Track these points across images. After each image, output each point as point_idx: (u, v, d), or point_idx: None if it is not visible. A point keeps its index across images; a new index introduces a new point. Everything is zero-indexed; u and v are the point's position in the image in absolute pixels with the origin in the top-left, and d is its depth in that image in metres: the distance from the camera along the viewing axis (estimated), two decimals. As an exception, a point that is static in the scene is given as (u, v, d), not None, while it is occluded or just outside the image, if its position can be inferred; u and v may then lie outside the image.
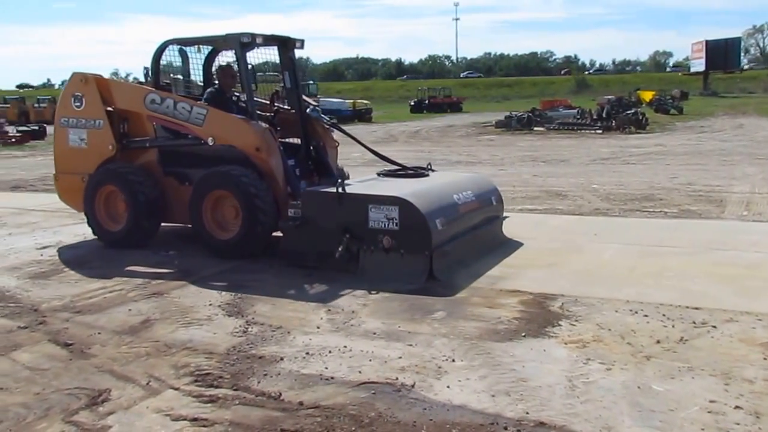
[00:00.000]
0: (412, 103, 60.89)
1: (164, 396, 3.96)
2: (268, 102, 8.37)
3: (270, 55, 8.27)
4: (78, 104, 8.20)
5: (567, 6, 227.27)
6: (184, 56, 8.58)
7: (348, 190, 6.63)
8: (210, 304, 5.69)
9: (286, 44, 8.16)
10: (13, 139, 30.18)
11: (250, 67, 7.84)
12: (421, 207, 6.29)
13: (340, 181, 6.79)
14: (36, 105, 52.29)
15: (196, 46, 8.46)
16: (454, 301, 5.64)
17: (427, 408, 3.73)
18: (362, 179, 7.75)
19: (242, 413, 3.72)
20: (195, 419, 3.65)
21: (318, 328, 5.07)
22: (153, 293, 6.07)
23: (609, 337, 4.71)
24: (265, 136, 7.36)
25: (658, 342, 4.58)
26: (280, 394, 3.94)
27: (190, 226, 7.70)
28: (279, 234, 7.17)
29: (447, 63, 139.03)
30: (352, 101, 50.11)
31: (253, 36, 7.46)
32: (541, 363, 4.30)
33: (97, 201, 8.02)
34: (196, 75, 8.93)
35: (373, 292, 5.92)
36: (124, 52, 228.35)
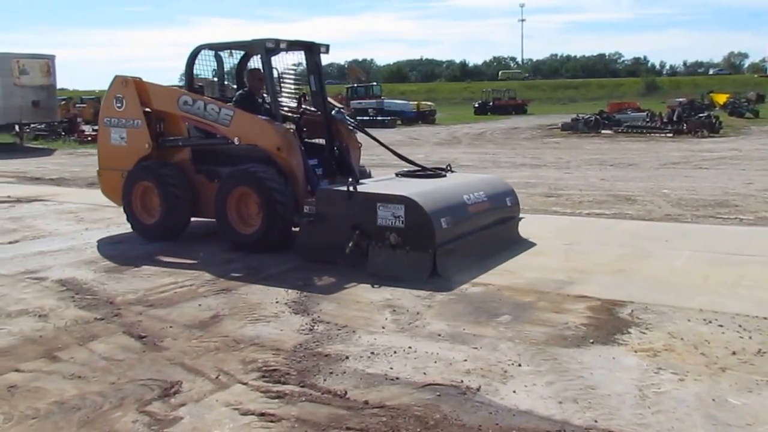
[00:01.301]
0: (476, 105, 60.57)
1: (233, 390, 4.04)
2: (296, 104, 8.80)
3: (298, 59, 8.72)
4: (119, 105, 8.71)
5: (636, 6, 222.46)
6: (218, 60, 9.11)
7: (360, 189, 6.89)
8: (276, 302, 5.78)
9: (311, 49, 8.53)
10: (89, 138, 31.17)
11: (275, 71, 8.27)
12: (425, 206, 6.49)
13: (351, 180, 7.07)
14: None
15: (228, 51, 8.89)
16: (520, 305, 5.58)
17: (492, 412, 3.70)
18: (379, 179, 8.09)
19: (308, 410, 3.76)
20: (262, 414, 3.71)
21: (383, 328, 5.09)
22: (222, 289, 6.19)
23: (681, 346, 4.59)
24: (287, 137, 7.73)
25: (734, 353, 4.44)
26: (346, 392, 3.97)
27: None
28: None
29: (512, 65, 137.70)
30: (416, 103, 50.10)
31: (277, 42, 7.90)
32: (610, 371, 4.22)
33: (134, 195, 8.52)
34: (230, 78, 9.40)
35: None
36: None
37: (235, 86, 9.25)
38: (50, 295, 6.13)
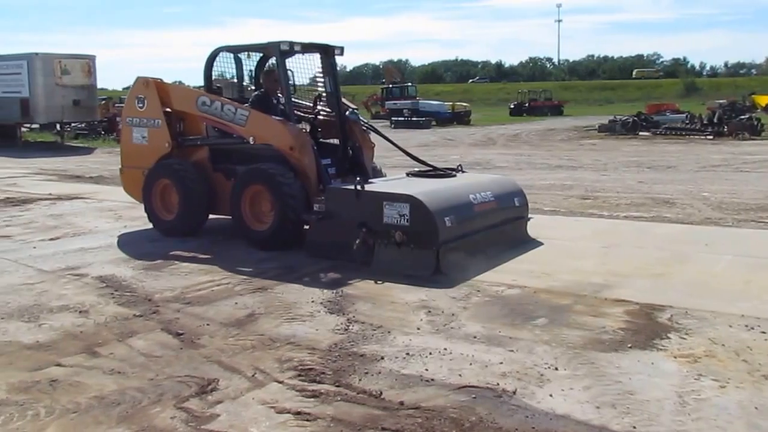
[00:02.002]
0: (512, 106, 60.19)
1: (269, 388, 4.06)
2: (311, 105, 8.96)
3: (313, 60, 8.92)
4: (140, 105, 8.98)
5: (675, 6, 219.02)
6: (238, 62, 9.36)
7: (368, 188, 7.08)
8: (312, 301, 5.80)
9: (326, 51, 8.76)
10: (127, 136, 31.60)
11: (290, 72, 8.52)
12: (429, 205, 6.64)
13: (359, 179, 7.22)
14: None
15: (246, 53, 9.15)
16: (556, 308, 5.53)
17: (529, 416, 3.68)
18: (389, 178, 8.33)
19: (344, 410, 3.77)
20: (298, 413, 3.73)
21: (418, 329, 5.08)
22: (258, 288, 6.24)
23: (722, 352, 4.51)
24: (299, 137, 7.96)
25: (777, 360, 4.35)
26: (381, 392, 3.97)
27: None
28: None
29: (548, 65, 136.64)
30: (451, 103, 49.93)
31: (292, 44, 8.15)
32: (648, 376, 4.16)
33: (153, 193, 8.78)
34: (249, 79, 9.63)
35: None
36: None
37: (253, 87, 9.43)
38: (90, 291, 6.23)
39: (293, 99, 8.71)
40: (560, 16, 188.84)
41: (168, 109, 8.84)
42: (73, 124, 28.81)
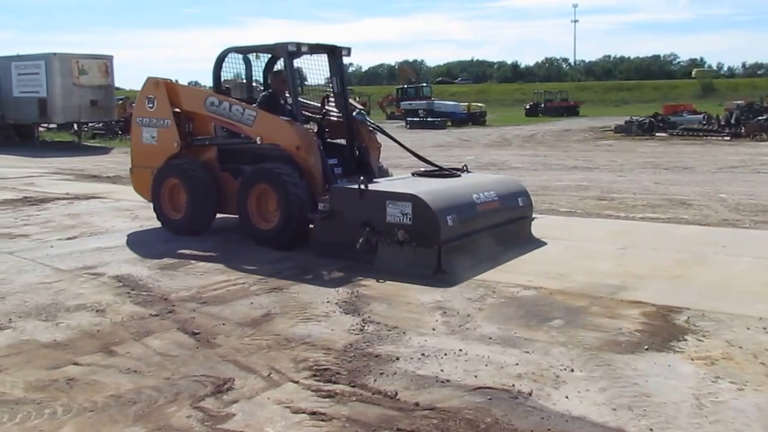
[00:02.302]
0: (528, 107, 59.99)
1: (284, 388, 4.07)
2: (319, 105, 9.11)
3: (321, 61, 9.02)
4: (150, 105, 9.07)
5: (693, 6, 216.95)
6: (247, 63, 9.48)
7: (371, 187, 7.17)
8: (327, 301, 5.81)
9: (334, 52, 8.85)
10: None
11: (297, 73, 8.71)
12: (432, 204, 6.70)
13: (363, 178, 7.27)
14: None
15: (255, 54, 9.26)
16: (572, 310, 5.50)
17: (545, 417, 3.66)
18: (394, 178, 8.42)
19: (359, 410, 3.77)
20: (314, 413, 3.74)
21: (433, 330, 5.07)
22: (273, 288, 6.25)
23: (740, 355, 4.47)
24: (306, 137, 8.02)
25: (796, 363, 4.30)
26: (396, 393, 3.97)
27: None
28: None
29: (564, 66, 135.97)
30: (466, 104, 49.81)
31: (299, 45, 8.25)
32: (665, 378, 4.13)
33: (162, 192, 8.89)
34: (258, 80, 9.72)
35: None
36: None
37: (262, 88, 9.52)
38: (107, 290, 6.27)
39: (301, 99, 8.85)
40: (576, 17, 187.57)
41: (177, 110, 8.95)
42: (90, 124, 28.99)
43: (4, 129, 27.38)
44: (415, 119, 42.89)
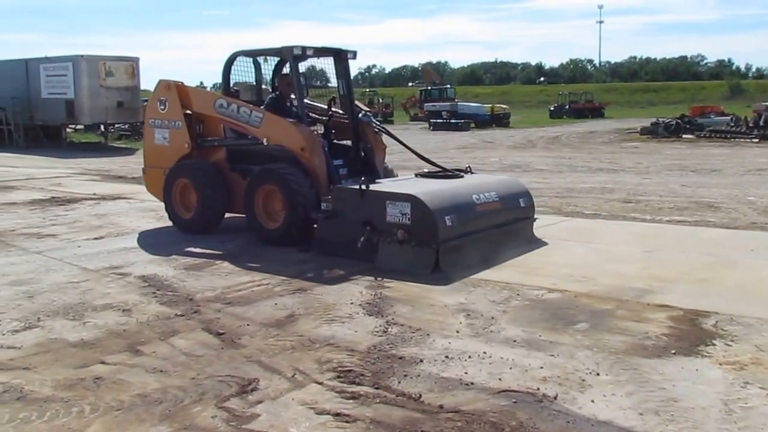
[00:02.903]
0: (552, 108, 59.67)
1: (309, 389, 4.08)
2: (326, 107, 9.29)
3: (326, 64, 9.20)
4: (162, 107, 9.31)
5: (720, 6, 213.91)
6: (257, 66, 9.71)
7: (372, 187, 7.32)
8: (351, 303, 5.81)
9: (339, 55, 9.06)
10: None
11: (302, 76, 8.83)
12: (430, 204, 6.85)
13: (363, 178, 7.43)
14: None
15: (264, 57, 9.47)
16: (597, 313, 5.46)
17: (570, 421, 3.63)
18: (397, 179, 8.59)
19: (383, 412, 3.77)
20: (338, 414, 3.74)
21: (457, 332, 5.05)
22: (297, 289, 6.27)
23: (770, 360, 4.40)
24: (310, 138, 8.25)
25: (827, 369, 4.23)
26: (420, 395, 3.96)
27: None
28: None
29: (589, 67, 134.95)
30: (490, 105, 49.65)
31: (304, 48, 8.41)
32: (693, 383, 4.08)
33: (173, 192, 9.11)
34: (268, 82, 9.92)
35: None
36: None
37: (271, 90, 9.70)
38: (133, 290, 6.33)
39: (308, 101, 9.09)
40: (601, 17, 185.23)
41: (188, 111, 9.17)
42: (116, 125, 29.35)
43: (32, 130, 27.80)
44: (438, 121, 42.82)
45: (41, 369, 4.43)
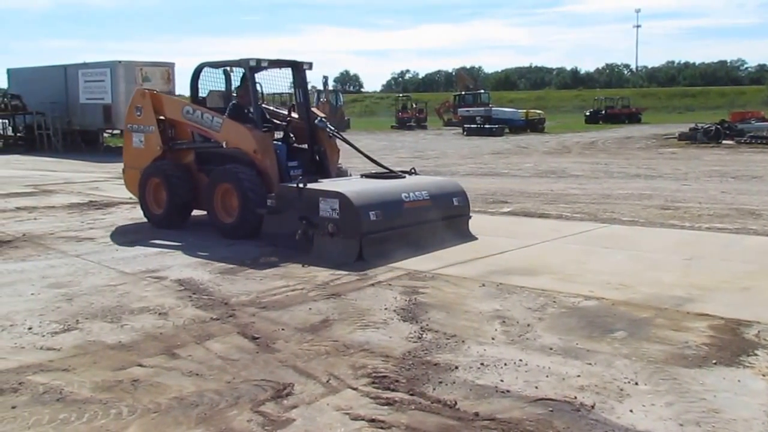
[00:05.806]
0: (588, 114, 59.11)
1: (343, 395, 4.07)
2: (286, 113, 10.21)
3: (283, 75, 10.15)
4: (138, 113, 10.23)
5: (761, 10, 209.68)
6: (227, 76, 10.52)
7: (309, 186, 8.16)
8: (385, 308, 5.80)
9: (296, 66, 10.04)
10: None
11: (258, 85, 9.60)
12: (355, 201, 7.68)
13: (301, 178, 8.40)
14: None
15: (230, 67, 10.24)
16: (636, 321, 5.37)
17: (608, 431, 3.57)
18: (339, 179, 9.32)
19: (418, 418, 3.75)
20: (372, 420, 3.72)
21: (493, 339, 5.01)
22: (331, 294, 6.28)
23: (815, 372, 4.28)
24: (262, 141, 9.08)
25: None
26: (456, 402, 3.92)
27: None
28: None
29: (626, 72, 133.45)
30: (524, 111, 49.33)
31: (259, 60, 9.32)
32: (735, 394, 3.99)
33: (147, 190, 10.10)
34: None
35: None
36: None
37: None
38: (169, 294, 6.40)
39: (274, 109, 10.40)
40: (639, 22, 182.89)
41: (161, 117, 10.02)
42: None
43: (70, 135, 28.33)
44: (472, 126, 42.65)
45: (80, 371, 4.49)
